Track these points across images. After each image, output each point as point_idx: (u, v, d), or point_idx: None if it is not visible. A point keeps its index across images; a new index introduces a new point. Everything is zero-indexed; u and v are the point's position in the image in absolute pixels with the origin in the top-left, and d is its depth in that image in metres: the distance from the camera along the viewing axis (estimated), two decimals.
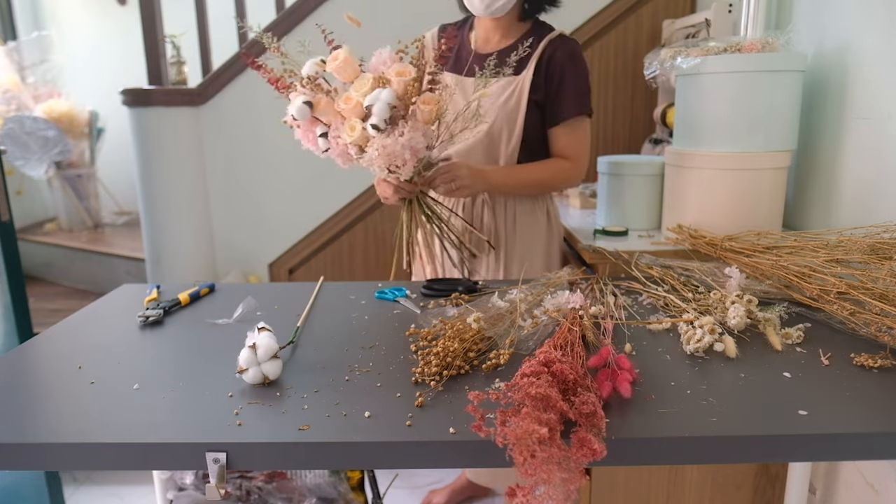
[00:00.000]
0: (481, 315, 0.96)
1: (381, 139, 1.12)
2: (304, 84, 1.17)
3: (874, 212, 1.25)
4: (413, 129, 1.13)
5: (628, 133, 2.46)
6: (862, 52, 1.29)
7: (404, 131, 1.13)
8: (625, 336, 0.96)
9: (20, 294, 1.69)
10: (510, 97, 1.40)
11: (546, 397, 0.66)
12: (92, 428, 0.73)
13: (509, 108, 1.40)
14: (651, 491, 1.30)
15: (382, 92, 1.11)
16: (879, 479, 1.13)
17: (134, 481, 2.06)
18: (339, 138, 1.17)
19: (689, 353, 0.89)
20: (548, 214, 1.53)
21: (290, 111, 1.17)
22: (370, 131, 1.12)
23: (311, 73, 1.17)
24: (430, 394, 0.79)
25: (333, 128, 1.18)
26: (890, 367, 0.83)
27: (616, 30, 2.37)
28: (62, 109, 3.23)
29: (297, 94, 1.17)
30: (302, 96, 1.16)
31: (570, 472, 0.61)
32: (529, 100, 1.40)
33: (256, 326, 0.87)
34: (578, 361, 0.80)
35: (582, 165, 1.46)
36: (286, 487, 1.23)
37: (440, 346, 0.86)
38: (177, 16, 2.96)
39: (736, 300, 0.98)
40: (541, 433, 0.60)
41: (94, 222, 3.51)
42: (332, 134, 1.18)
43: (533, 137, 1.44)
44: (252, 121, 2.52)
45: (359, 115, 1.14)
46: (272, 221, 2.61)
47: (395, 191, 1.30)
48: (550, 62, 1.39)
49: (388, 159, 1.14)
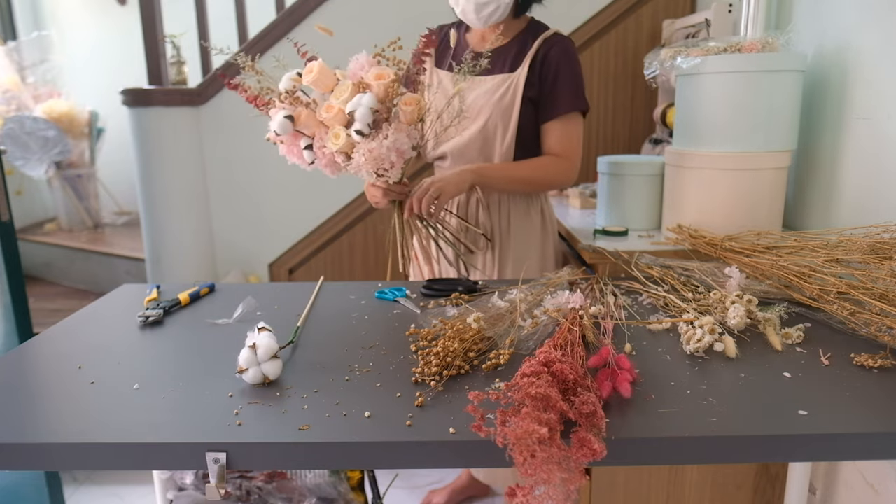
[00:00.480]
0: (481, 315, 0.96)
1: (366, 144, 1.13)
2: (282, 99, 1.18)
3: (874, 212, 1.25)
4: (397, 130, 1.14)
5: (628, 133, 2.46)
6: (862, 52, 1.29)
7: (388, 133, 1.13)
8: (625, 336, 0.96)
9: (20, 294, 1.69)
10: (505, 94, 1.41)
11: (546, 397, 0.66)
12: (92, 428, 0.73)
13: (504, 104, 1.41)
14: (651, 491, 1.30)
15: (364, 97, 1.12)
16: (879, 479, 1.13)
17: (134, 481, 2.06)
18: (325, 148, 1.17)
19: (690, 353, 0.89)
20: (542, 213, 1.55)
21: (272, 127, 1.18)
22: (355, 137, 1.13)
23: (288, 88, 1.18)
24: (430, 394, 0.79)
25: (318, 138, 1.19)
26: (890, 367, 0.83)
27: (616, 30, 2.37)
28: (62, 109, 3.23)
29: (277, 109, 1.18)
30: (282, 111, 1.16)
31: (570, 472, 0.61)
32: (524, 97, 1.41)
33: (256, 326, 0.87)
34: (578, 361, 0.80)
35: (574, 162, 1.46)
36: (286, 487, 1.23)
37: (440, 346, 0.86)
38: (177, 16, 2.96)
39: (736, 300, 0.98)
40: (541, 433, 0.60)
41: (94, 222, 3.51)
42: (317, 145, 1.19)
43: (527, 134, 1.45)
44: (252, 121, 2.51)
45: (342, 123, 1.15)
46: (272, 221, 2.61)
47: (384, 194, 1.30)
48: (545, 59, 1.41)
49: (375, 163, 1.15)
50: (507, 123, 1.42)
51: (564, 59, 1.41)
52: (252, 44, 2.45)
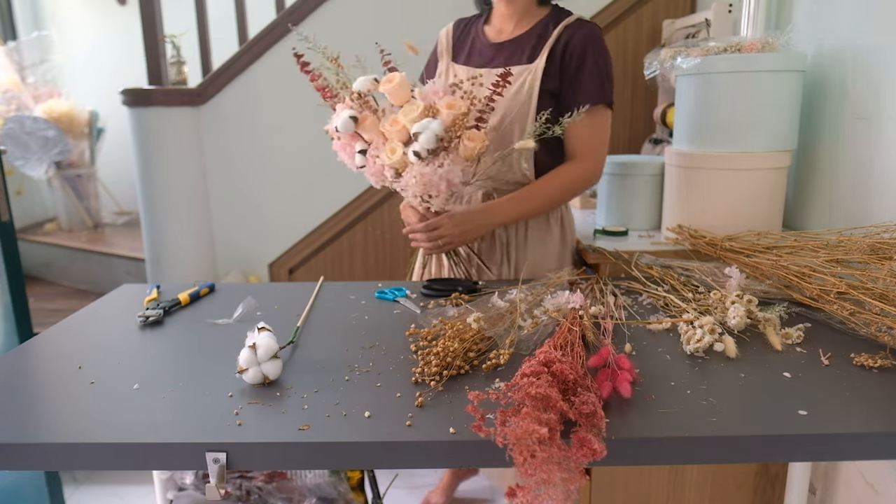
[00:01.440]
0: (481, 315, 0.96)
1: (419, 167, 1.14)
2: (353, 98, 1.19)
3: (874, 212, 1.25)
4: (454, 162, 1.15)
5: (628, 133, 2.46)
6: (862, 52, 1.29)
7: (444, 163, 1.14)
8: (625, 336, 0.96)
9: (20, 294, 1.69)
10: (521, 88, 1.30)
11: (546, 397, 0.66)
12: (92, 428, 0.73)
13: (520, 99, 1.30)
14: (651, 491, 1.30)
15: (433, 122, 1.12)
16: (879, 479, 1.13)
17: (134, 481, 2.06)
18: (378, 158, 1.18)
19: (690, 353, 0.89)
20: (562, 225, 1.45)
21: (335, 123, 1.19)
22: (411, 157, 1.13)
23: (362, 90, 1.19)
24: (430, 394, 0.79)
25: (373, 146, 1.19)
26: (890, 367, 0.83)
27: (616, 30, 2.37)
28: (62, 109, 3.23)
29: (344, 106, 1.19)
30: (349, 110, 1.17)
31: (570, 471, 0.61)
32: (542, 90, 1.30)
33: (256, 326, 0.87)
34: (578, 361, 0.80)
35: (598, 162, 1.35)
36: (286, 487, 1.23)
37: (440, 346, 0.86)
38: (177, 16, 2.96)
39: (736, 300, 0.98)
40: (541, 433, 0.60)
41: (94, 222, 3.51)
42: (371, 153, 1.20)
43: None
44: (252, 121, 2.52)
45: (402, 140, 1.16)
46: (272, 221, 2.62)
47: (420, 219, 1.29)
48: (567, 48, 1.30)
49: (423, 188, 1.16)
50: (524, 120, 1.30)
51: (591, 46, 1.29)
52: (252, 44, 2.46)
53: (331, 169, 2.54)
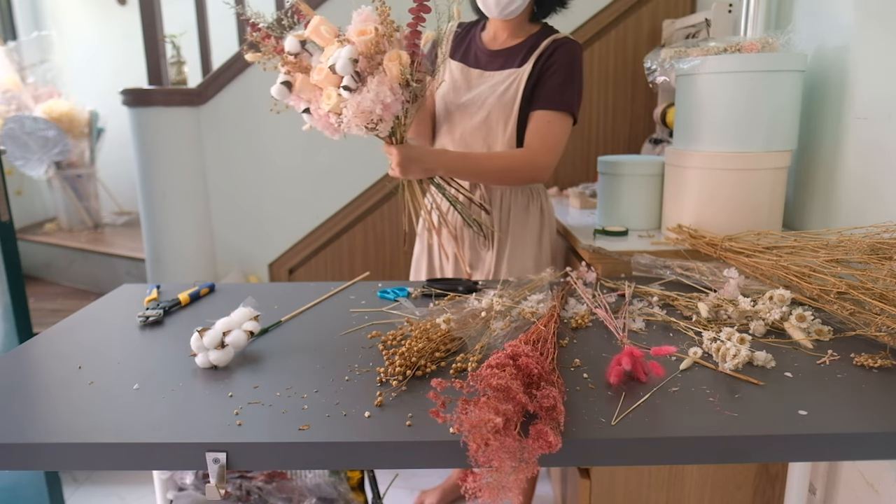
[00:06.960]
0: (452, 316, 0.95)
1: (353, 98, 1.18)
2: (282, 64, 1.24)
3: (874, 212, 1.25)
4: (380, 83, 1.18)
5: (628, 133, 2.46)
6: (862, 52, 1.29)
7: (370, 87, 1.17)
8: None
9: (20, 294, 1.69)
10: (508, 88, 1.46)
11: (506, 388, 0.67)
12: (92, 428, 0.73)
13: (506, 99, 1.45)
14: (651, 491, 1.30)
15: (342, 49, 1.17)
16: (879, 479, 1.13)
17: (134, 481, 2.06)
18: (320, 110, 1.23)
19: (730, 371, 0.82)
20: (541, 211, 1.58)
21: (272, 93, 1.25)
22: (343, 93, 1.18)
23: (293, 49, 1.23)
24: (391, 394, 0.79)
25: (314, 102, 1.24)
26: (890, 367, 0.83)
27: (616, 30, 2.37)
28: (62, 109, 3.23)
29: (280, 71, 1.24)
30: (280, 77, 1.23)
31: (523, 461, 0.62)
32: (525, 91, 1.44)
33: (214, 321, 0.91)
34: (548, 358, 0.80)
35: (543, 155, 1.44)
36: (286, 487, 1.23)
37: (405, 347, 0.86)
38: (177, 16, 2.96)
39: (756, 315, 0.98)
40: (495, 422, 0.61)
41: (94, 222, 3.51)
42: (313, 108, 1.25)
43: None
44: (252, 121, 2.52)
45: (334, 84, 1.20)
46: (272, 221, 2.61)
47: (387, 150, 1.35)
48: (549, 58, 1.44)
49: (363, 117, 1.19)
50: (508, 117, 1.46)
51: (566, 59, 1.43)
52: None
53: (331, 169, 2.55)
